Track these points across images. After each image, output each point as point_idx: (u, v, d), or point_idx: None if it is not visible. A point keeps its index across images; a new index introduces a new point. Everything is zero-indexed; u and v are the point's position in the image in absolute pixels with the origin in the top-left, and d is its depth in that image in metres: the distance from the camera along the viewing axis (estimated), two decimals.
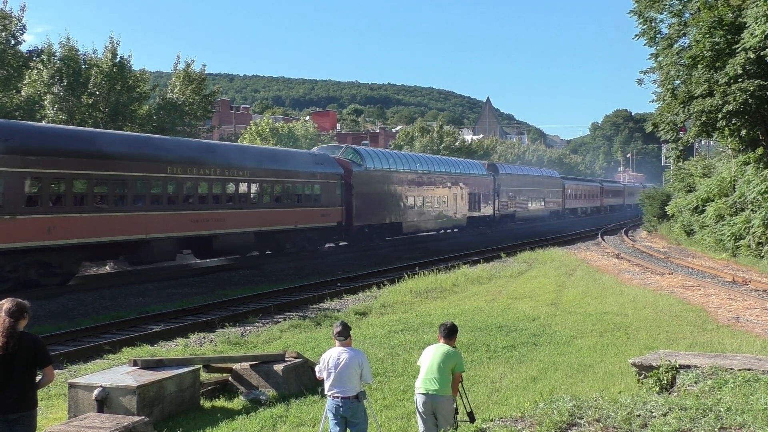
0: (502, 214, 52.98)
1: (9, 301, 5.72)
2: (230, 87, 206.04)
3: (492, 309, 16.04)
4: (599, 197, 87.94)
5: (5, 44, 31.21)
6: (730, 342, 12.03)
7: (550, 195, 66.00)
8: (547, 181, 65.47)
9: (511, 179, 55.31)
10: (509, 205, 54.68)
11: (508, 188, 54.18)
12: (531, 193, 59.82)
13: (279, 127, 62.43)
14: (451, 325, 7.11)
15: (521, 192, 57.26)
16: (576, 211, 77.68)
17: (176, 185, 23.36)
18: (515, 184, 55.83)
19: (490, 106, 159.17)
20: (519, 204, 56.73)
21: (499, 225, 52.80)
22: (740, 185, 29.14)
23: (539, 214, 62.38)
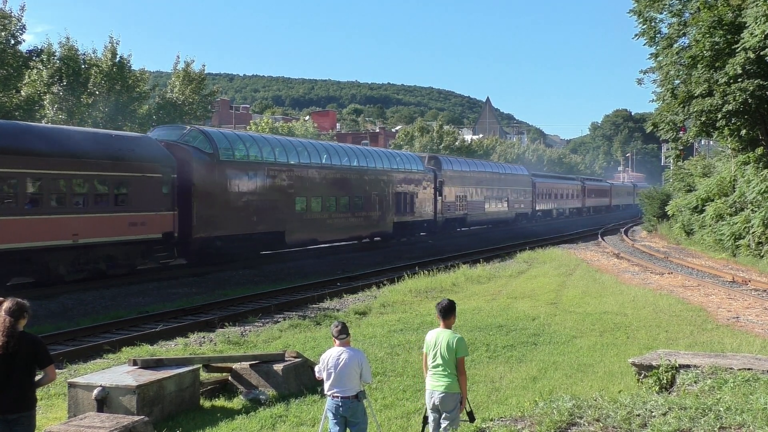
0: (446, 218, 43.93)
1: (9, 300, 5.73)
2: (230, 87, 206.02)
3: (492, 309, 16.04)
4: (580, 197, 79.58)
5: (5, 44, 31.22)
6: (730, 342, 12.04)
7: (516, 194, 56.90)
8: (512, 179, 56.19)
9: (461, 176, 46.58)
10: (458, 207, 45.68)
11: (455, 187, 45.24)
12: (489, 192, 50.97)
13: (279, 127, 62.49)
14: (448, 303, 6.79)
15: (475, 191, 48.55)
16: (550, 213, 68.96)
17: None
18: (466, 182, 47.16)
19: (489, 106, 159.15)
20: (472, 205, 47.70)
21: (444, 231, 43.96)
22: (740, 185, 29.15)
23: (501, 217, 53.90)
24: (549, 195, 67.91)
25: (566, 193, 74.33)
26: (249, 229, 26.42)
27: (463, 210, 46.42)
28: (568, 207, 75.21)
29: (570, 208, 76.08)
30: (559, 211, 72.17)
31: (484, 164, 54.65)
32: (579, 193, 78.42)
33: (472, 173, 48.89)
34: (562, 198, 72.67)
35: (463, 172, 47.37)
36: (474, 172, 49.31)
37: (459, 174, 46.38)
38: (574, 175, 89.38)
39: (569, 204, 75.60)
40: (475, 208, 48.55)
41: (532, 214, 61.59)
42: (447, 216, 43.95)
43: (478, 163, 54.47)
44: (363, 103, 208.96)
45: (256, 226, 26.78)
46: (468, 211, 47.12)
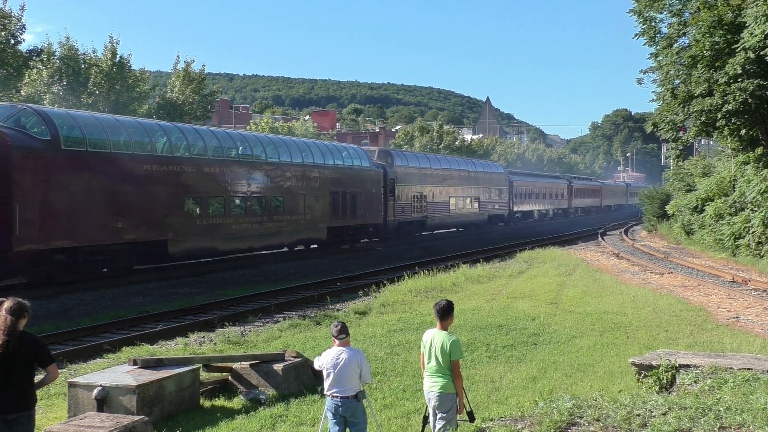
0: (400, 221, 38.20)
1: (10, 300, 5.75)
2: (230, 86, 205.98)
3: (492, 308, 16.04)
4: (567, 197, 73.59)
5: (5, 44, 31.22)
6: (730, 341, 12.04)
7: (489, 194, 51.38)
8: (484, 177, 50.35)
9: (419, 173, 40.80)
10: (415, 208, 39.78)
11: (412, 185, 39.61)
12: (455, 191, 45.22)
13: (279, 127, 62.49)
14: (446, 303, 6.73)
15: (438, 190, 42.56)
16: (531, 215, 63.28)
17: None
18: (426, 180, 41.35)
19: (489, 106, 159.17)
20: (433, 207, 41.91)
21: (397, 236, 38.27)
22: (740, 185, 29.15)
23: (471, 220, 48.24)
24: (529, 195, 62.01)
25: (550, 193, 68.13)
26: (110, 238, 20.79)
27: (422, 212, 40.44)
28: (552, 208, 69.13)
29: (554, 209, 70.04)
30: (541, 213, 66.39)
31: (449, 160, 48.67)
32: (565, 192, 72.97)
33: (434, 170, 42.96)
34: (545, 198, 66.56)
35: (423, 169, 41.62)
36: (436, 169, 43.43)
37: (417, 171, 40.69)
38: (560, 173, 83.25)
39: (553, 204, 69.48)
40: (438, 209, 42.64)
41: (509, 216, 56.13)
42: (401, 219, 38.19)
43: (443, 158, 48.40)
44: (363, 103, 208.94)
45: (123, 233, 21.14)
46: (428, 213, 41.25)
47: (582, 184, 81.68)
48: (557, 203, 70.76)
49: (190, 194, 23.88)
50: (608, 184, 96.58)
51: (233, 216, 25.76)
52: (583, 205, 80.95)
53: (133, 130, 22.52)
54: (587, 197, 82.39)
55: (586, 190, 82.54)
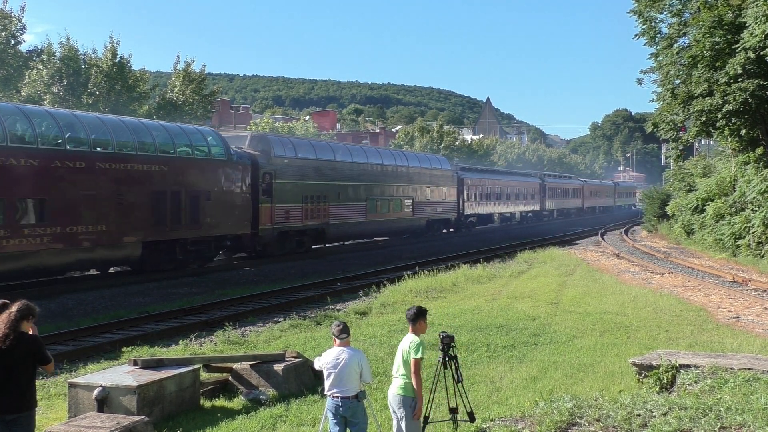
0: (281, 230, 28.40)
1: (20, 302, 5.92)
2: (230, 87, 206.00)
3: (492, 308, 16.04)
4: (539, 198, 64.36)
5: (5, 44, 31.26)
6: (730, 341, 12.03)
7: (429, 194, 41.40)
8: (420, 174, 40.48)
9: (314, 168, 30.89)
10: (308, 213, 30.04)
11: (300, 182, 29.60)
12: (375, 191, 35.63)
13: (279, 127, 62.51)
14: (416, 309, 6.65)
15: (345, 190, 33.00)
16: (490, 218, 54.57)
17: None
18: (325, 176, 31.57)
19: (490, 106, 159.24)
20: (338, 211, 32.25)
21: (275, 250, 28.59)
22: (740, 185, 29.14)
23: (400, 226, 38.71)
24: (488, 195, 52.73)
25: (516, 193, 58.99)
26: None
27: (318, 218, 30.67)
28: (519, 210, 60.04)
29: (523, 212, 61.12)
30: (504, 216, 57.67)
31: (366, 151, 38.09)
32: (537, 192, 64.01)
33: (340, 163, 33.27)
34: (509, 199, 57.34)
35: (321, 161, 31.70)
36: (343, 161, 33.63)
37: (311, 163, 30.84)
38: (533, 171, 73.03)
39: (521, 206, 60.20)
40: (345, 213, 32.89)
41: (460, 221, 47.09)
42: (283, 227, 28.53)
43: (355, 148, 38.28)
44: (363, 103, 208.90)
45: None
46: (331, 218, 31.55)
47: (559, 183, 72.57)
48: (527, 205, 61.46)
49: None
50: (592, 183, 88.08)
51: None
52: (561, 207, 72.24)
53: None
54: (565, 198, 73.66)
55: (564, 189, 73.42)
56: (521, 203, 60.23)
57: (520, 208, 60.19)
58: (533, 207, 63.26)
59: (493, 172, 58.75)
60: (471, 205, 49.57)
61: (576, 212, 77.48)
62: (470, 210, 49.54)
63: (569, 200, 75.28)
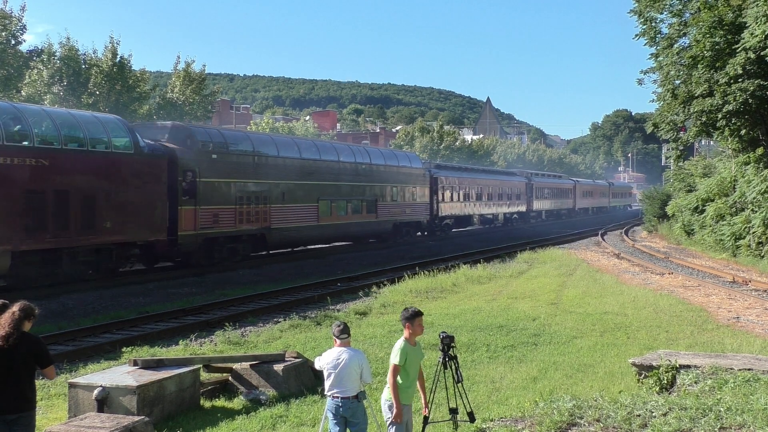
0: (207, 236, 24.48)
1: (21, 302, 5.96)
2: (230, 87, 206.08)
3: (492, 309, 16.04)
4: (525, 198, 60.84)
5: (5, 44, 31.26)
6: (730, 342, 12.03)
7: (396, 195, 37.45)
8: (386, 171, 36.68)
9: (248, 164, 26.82)
10: (243, 216, 26.10)
11: (229, 181, 25.54)
12: (329, 190, 31.49)
13: (279, 127, 62.52)
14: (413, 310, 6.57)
15: (291, 190, 28.84)
16: (469, 221, 50.47)
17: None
18: (263, 174, 27.42)
19: (490, 106, 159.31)
20: (282, 214, 28.18)
21: (191, 262, 24.50)
22: (740, 185, 29.14)
23: (361, 231, 34.50)
24: (466, 196, 48.74)
25: (500, 193, 55.25)
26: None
27: (257, 222, 26.70)
28: (502, 212, 56.15)
29: (507, 213, 57.17)
30: (485, 218, 53.67)
31: (319, 146, 33.46)
32: (522, 192, 60.32)
33: (287, 160, 29.15)
34: (491, 199, 53.35)
35: (259, 157, 27.53)
36: (290, 158, 29.47)
37: (245, 161, 26.75)
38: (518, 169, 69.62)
39: (505, 207, 56.36)
40: (292, 217, 28.89)
41: (433, 224, 43.20)
42: (209, 233, 24.52)
43: (305, 142, 33.49)
44: (363, 103, 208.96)
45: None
46: (272, 222, 27.52)
47: (547, 182, 68.88)
48: (511, 206, 57.64)
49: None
50: (585, 183, 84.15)
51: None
52: (550, 208, 68.28)
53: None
54: (555, 198, 69.68)
55: (553, 189, 69.43)
56: (505, 204, 56.15)
57: (503, 210, 56.23)
58: (519, 208, 59.35)
59: (472, 170, 54.36)
60: (447, 206, 45.36)
61: (567, 214, 73.09)
62: (446, 211, 45.34)
63: (559, 201, 70.77)
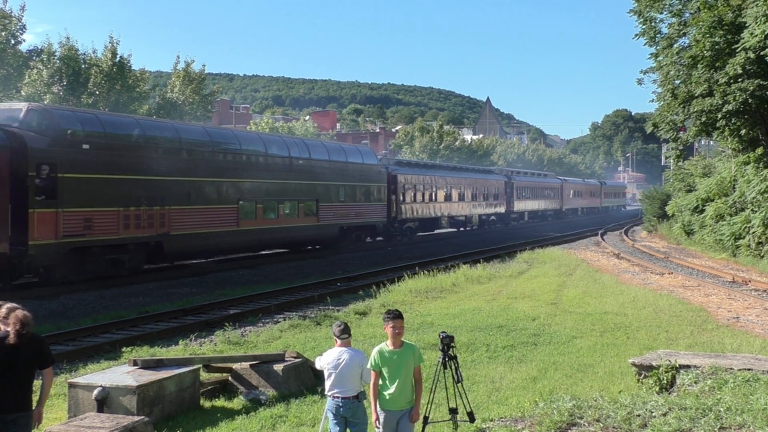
0: (72, 245, 19.71)
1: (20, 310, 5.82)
2: (230, 87, 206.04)
3: (492, 309, 16.04)
4: (504, 198, 55.83)
5: (5, 44, 31.26)
6: (730, 342, 12.03)
7: (345, 195, 32.75)
8: (331, 168, 31.84)
9: (126, 156, 21.63)
10: (130, 220, 21.34)
11: (108, 179, 20.86)
12: (245, 190, 26.28)
13: (279, 127, 62.51)
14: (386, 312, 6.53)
15: (191, 189, 23.71)
16: (437, 223, 44.83)
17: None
18: (154, 169, 22.34)
19: (490, 106, 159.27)
20: (184, 218, 23.26)
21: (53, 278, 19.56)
22: (740, 185, 29.14)
23: (297, 237, 29.65)
24: (432, 196, 43.55)
25: (473, 193, 49.81)
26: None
27: (150, 227, 21.88)
28: (477, 213, 50.72)
29: (483, 215, 52.15)
30: (456, 221, 48.19)
31: (235, 136, 27.84)
32: (502, 192, 55.40)
33: (188, 152, 23.87)
34: (463, 199, 48.10)
35: (151, 147, 22.59)
36: (194, 149, 24.23)
37: (131, 153, 21.86)
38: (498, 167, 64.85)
39: (480, 208, 51.13)
40: (200, 222, 23.83)
41: (393, 227, 38.30)
42: (79, 241, 19.87)
43: (217, 132, 27.98)
44: (363, 103, 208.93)
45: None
46: (172, 228, 22.59)
47: (530, 181, 63.55)
48: (488, 206, 52.78)
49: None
50: (573, 182, 78.71)
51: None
52: (534, 209, 63.45)
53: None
54: (539, 198, 64.52)
55: (537, 188, 64.09)
56: (480, 204, 51.01)
57: (478, 210, 50.97)
58: (497, 209, 54.45)
59: (440, 167, 49.88)
60: (409, 207, 40.21)
61: (553, 215, 68.01)
62: (408, 213, 40.19)
63: (544, 201, 65.56)
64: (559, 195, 69.81)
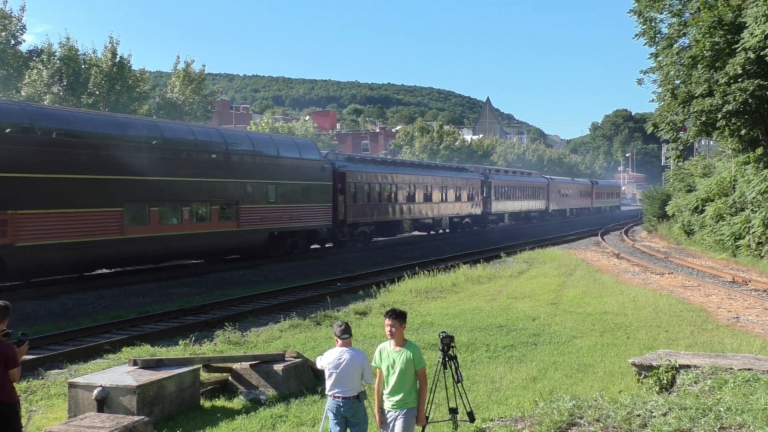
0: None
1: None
2: (230, 87, 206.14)
3: (492, 309, 16.04)
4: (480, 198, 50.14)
5: (5, 44, 31.26)
6: (730, 342, 12.03)
7: (275, 194, 27.70)
8: (248, 164, 26.42)
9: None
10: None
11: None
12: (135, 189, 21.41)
13: (279, 127, 62.51)
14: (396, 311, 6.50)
15: (45, 188, 18.61)
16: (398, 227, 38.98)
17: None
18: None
19: (490, 106, 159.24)
20: (38, 225, 18.41)
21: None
22: (740, 185, 29.14)
23: (209, 244, 24.48)
24: (390, 196, 37.74)
25: (442, 193, 44.12)
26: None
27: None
28: (447, 215, 45.34)
29: (454, 218, 46.43)
30: (420, 223, 42.37)
31: (121, 124, 22.25)
32: (477, 192, 49.92)
33: (43, 142, 18.94)
34: (429, 200, 42.25)
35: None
36: (52, 138, 19.15)
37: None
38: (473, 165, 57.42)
39: (451, 209, 45.56)
40: (66, 229, 19.30)
41: (339, 233, 33.40)
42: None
43: (91, 117, 22.34)
44: (363, 103, 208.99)
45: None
46: (19, 238, 17.95)
47: (510, 180, 57.10)
48: (462, 208, 47.36)
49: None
50: (561, 181, 73.08)
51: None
52: (515, 210, 57.41)
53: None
54: (521, 199, 58.47)
55: (519, 187, 58.10)
56: (451, 205, 45.34)
57: (448, 212, 45.17)
58: (472, 210, 48.62)
59: (402, 164, 44.04)
60: (360, 209, 34.84)
61: (538, 217, 62.48)
62: (359, 216, 34.73)
63: (527, 201, 59.43)
64: (544, 195, 64.16)
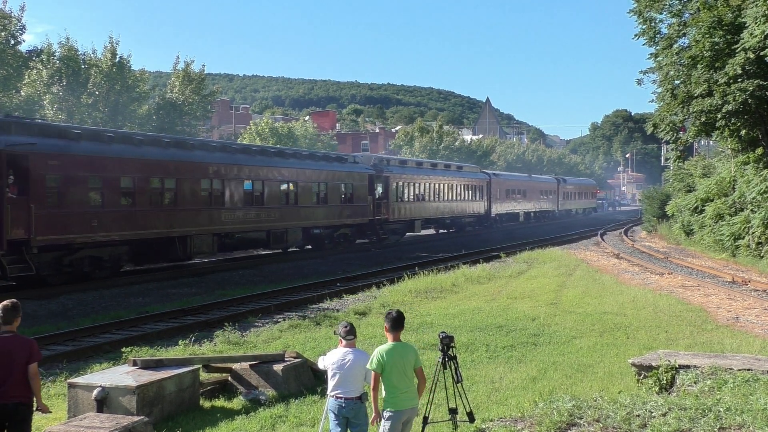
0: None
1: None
2: (230, 87, 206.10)
3: (492, 309, 16.04)
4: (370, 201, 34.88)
5: (5, 44, 31.24)
6: (730, 342, 12.03)
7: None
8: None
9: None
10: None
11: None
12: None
13: (279, 127, 62.47)
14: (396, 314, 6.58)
15: None
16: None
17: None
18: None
19: (489, 106, 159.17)
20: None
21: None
22: (740, 185, 29.13)
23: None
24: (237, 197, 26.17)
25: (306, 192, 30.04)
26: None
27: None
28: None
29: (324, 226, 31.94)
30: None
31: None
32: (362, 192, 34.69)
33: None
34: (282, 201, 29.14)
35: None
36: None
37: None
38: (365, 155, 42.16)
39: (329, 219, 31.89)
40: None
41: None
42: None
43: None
44: (363, 103, 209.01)
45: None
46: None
47: (422, 176, 41.07)
48: (342, 214, 32.58)
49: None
50: (510, 178, 59.08)
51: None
52: (430, 216, 41.85)
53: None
54: (444, 200, 43.59)
55: (441, 184, 43.15)
56: (335, 213, 32.53)
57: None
58: (357, 219, 34.22)
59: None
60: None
61: (475, 223, 49.59)
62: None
63: (454, 204, 45.11)
64: (484, 195, 50.64)
